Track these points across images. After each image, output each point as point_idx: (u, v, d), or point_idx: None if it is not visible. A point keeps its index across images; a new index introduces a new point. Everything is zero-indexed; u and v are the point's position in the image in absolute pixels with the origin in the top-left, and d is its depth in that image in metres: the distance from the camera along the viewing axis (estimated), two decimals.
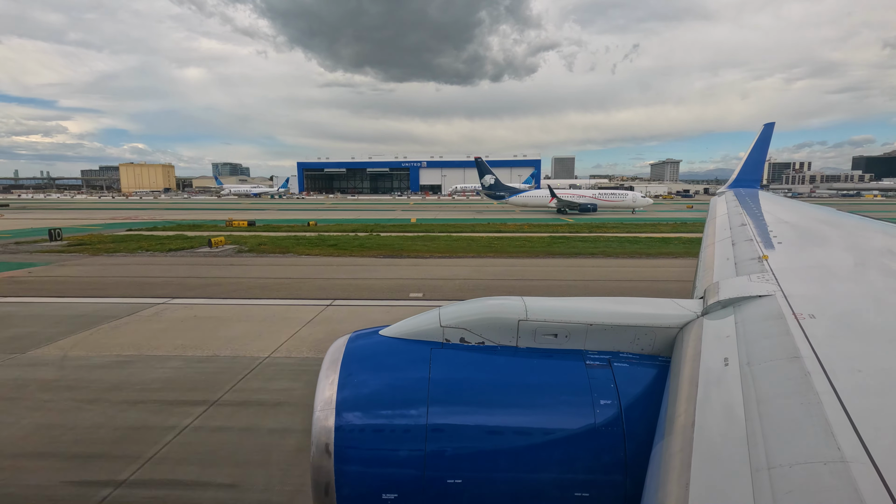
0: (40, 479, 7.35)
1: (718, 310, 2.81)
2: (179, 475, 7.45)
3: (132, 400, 9.92)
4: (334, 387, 2.51)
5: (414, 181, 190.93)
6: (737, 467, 1.47)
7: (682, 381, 2.16)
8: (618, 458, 2.35)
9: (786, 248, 4.56)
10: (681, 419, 1.88)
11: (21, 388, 10.57)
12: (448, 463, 2.35)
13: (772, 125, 14.38)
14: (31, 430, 8.76)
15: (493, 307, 2.88)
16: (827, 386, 1.72)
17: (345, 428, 2.39)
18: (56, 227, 39.48)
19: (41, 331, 14.44)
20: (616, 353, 2.72)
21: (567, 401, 2.47)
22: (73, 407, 9.64)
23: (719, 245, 4.98)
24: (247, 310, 16.97)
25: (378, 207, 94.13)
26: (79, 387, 10.59)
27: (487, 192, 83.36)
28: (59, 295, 19.27)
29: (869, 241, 4.86)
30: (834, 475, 1.31)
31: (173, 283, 21.63)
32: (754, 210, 7.59)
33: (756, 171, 14.22)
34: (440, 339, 2.76)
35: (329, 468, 2.34)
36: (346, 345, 2.78)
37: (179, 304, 17.78)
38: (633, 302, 3.11)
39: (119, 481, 7.26)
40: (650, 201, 76.88)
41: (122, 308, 16.99)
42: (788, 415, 1.62)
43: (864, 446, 1.40)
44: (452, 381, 2.55)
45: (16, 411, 9.45)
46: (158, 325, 15.07)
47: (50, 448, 8.19)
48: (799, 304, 2.56)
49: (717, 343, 2.37)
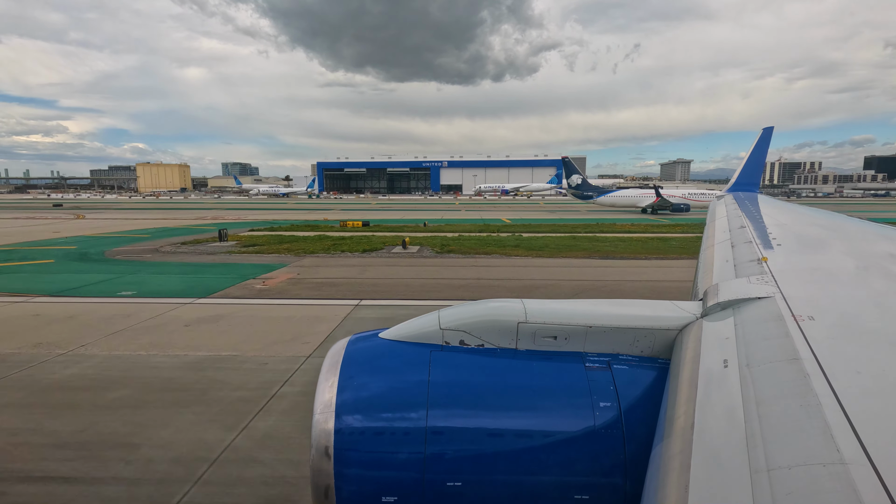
0: None
1: (718, 311, 2.81)
2: None
3: None
4: (334, 389, 2.51)
5: (434, 181, 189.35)
6: (736, 469, 1.46)
7: (682, 382, 2.16)
8: (617, 460, 2.35)
9: (785, 250, 4.56)
10: (680, 421, 1.88)
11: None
12: (448, 466, 2.34)
13: (770, 129, 14.41)
14: None
15: (493, 309, 2.88)
16: (826, 388, 1.72)
17: (344, 431, 2.38)
18: (222, 227, 36.60)
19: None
20: (615, 356, 2.72)
21: (566, 403, 2.47)
22: None
23: (718, 247, 4.98)
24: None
25: (430, 207, 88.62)
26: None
27: (574, 191, 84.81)
28: (390, 297, 17.43)
29: (868, 244, 4.87)
30: (833, 477, 1.31)
31: (455, 284, 20.01)
32: (753, 213, 7.60)
33: (755, 174, 14.24)
34: (440, 341, 2.76)
35: (329, 471, 2.33)
36: (346, 347, 2.77)
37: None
38: (633, 304, 3.11)
39: None
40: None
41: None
42: (788, 417, 1.62)
43: (864, 448, 1.39)
44: (452, 384, 2.55)
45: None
46: None
47: None
48: (798, 306, 2.56)
49: (716, 345, 2.37)
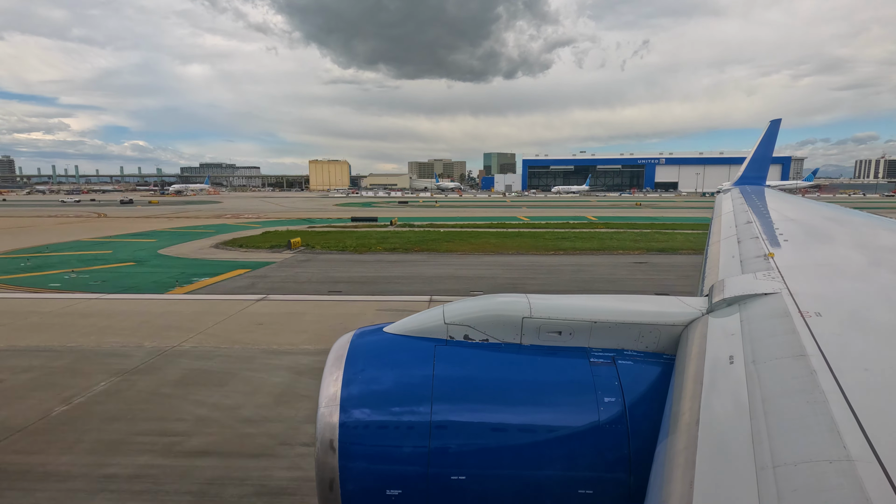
0: None
1: (724, 307, 2.80)
2: None
3: None
4: (339, 383, 2.51)
5: (649, 178, 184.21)
6: (741, 465, 1.46)
7: (687, 378, 2.15)
8: (622, 455, 2.35)
9: (792, 245, 4.52)
10: (685, 417, 1.88)
11: None
12: (452, 460, 2.34)
13: (778, 121, 14.26)
14: None
15: (498, 305, 2.87)
16: (833, 384, 1.71)
17: (349, 424, 2.39)
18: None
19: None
20: (620, 351, 2.71)
21: (571, 398, 2.47)
22: None
23: (725, 243, 4.95)
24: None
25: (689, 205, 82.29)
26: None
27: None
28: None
29: (875, 239, 4.82)
30: (839, 474, 1.30)
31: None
32: (760, 207, 7.52)
33: (762, 167, 14.11)
34: (444, 336, 2.76)
35: (333, 464, 2.35)
36: (351, 341, 2.78)
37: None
38: (638, 300, 3.10)
39: None
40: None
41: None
42: (794, 413, 1.61)
43: (871, 445, 1.38)
44: (456, 378, 2.55)
45: None
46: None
47: None
48: (805, 302, 2.55)
49: (722, 341, 2.35)
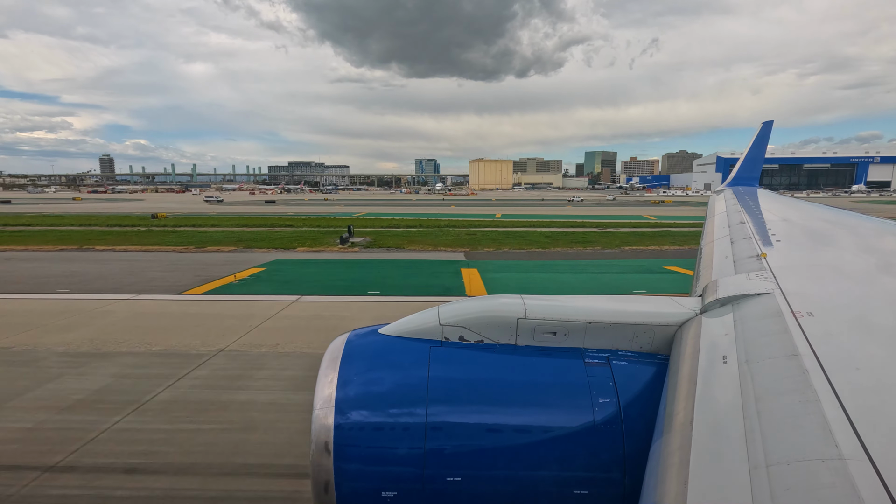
0: None
1: (717, 308, 2.81)
2: None
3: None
4: (333, 385, 2.51)
5: (859, 177, 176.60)
6: (735, 465, 1.47)
7: (681, 378, 2.16)
8: (617, 455, 2.35)
9: (784, 246, 4.56)
10: (679, 417, 1.89)
11: None
12: (447, 461, 2.34)
13: (770, 123, 14.37)
14: None
15: (493, 305, 2.87)
16: (825, 384, 1.72)
17: (344, 426, 2.38)
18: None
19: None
20: (615, 352, 2.72)
21: (566, 399, 2.47)
22: None
23: (718, 243, 4.98)
24: None
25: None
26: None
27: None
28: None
29: (868, 240, 4.87)
30: (832, 472, 1.31)
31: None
32: (753, 208, 7.58)
33: (755, 168, 14.21)
34: (439, 337, 2.76)
35: (328, 466, 2.34)
36: (346, 343, 2.77)
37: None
38: (632, 300, 3.11)
39: None
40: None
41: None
42: (787, 412, 1.62)
43: (862, 444, 1.40)
44: (451, 380, 2.55)
45: None
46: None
47: None
48: (797, 302, 2.57)
49: (715, 341, 2.37)
